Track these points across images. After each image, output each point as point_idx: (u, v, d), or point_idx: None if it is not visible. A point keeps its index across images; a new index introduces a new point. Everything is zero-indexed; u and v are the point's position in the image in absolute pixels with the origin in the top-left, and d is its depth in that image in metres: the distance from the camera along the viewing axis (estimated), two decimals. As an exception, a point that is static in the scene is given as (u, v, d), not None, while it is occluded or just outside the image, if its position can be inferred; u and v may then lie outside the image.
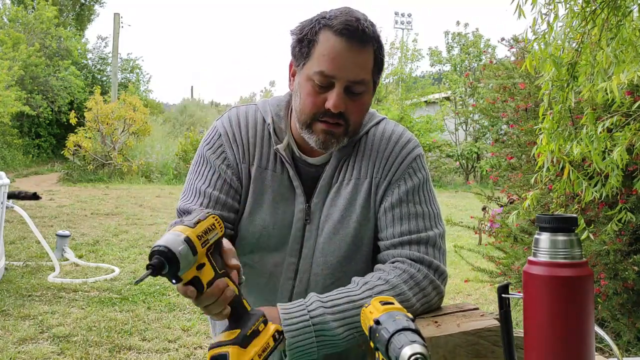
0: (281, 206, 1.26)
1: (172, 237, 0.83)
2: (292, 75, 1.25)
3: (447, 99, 18.96)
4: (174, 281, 0.84)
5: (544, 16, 1.95)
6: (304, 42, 1.17)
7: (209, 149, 1.28)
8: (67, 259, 5.90)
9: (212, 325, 1.43)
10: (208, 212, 0.91)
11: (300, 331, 1.09)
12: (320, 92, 1.16)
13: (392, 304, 0.87)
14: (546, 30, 1.97)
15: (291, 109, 1.28)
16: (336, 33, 1.13)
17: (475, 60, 19.55)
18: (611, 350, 1.00)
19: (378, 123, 1.32)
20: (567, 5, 1.96)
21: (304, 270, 1.26)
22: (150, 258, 0.81)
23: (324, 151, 1.24)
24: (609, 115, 2.32)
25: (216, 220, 0.91)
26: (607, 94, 1.91)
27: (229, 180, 1.25)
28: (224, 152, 1.26)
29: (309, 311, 1.11)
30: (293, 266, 1.26)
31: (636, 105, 2.20)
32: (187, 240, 0.83)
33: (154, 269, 0.80)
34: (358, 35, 1.13)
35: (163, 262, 0.80)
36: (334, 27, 1.13)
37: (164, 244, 0.81)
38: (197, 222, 0.87)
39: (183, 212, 1.24)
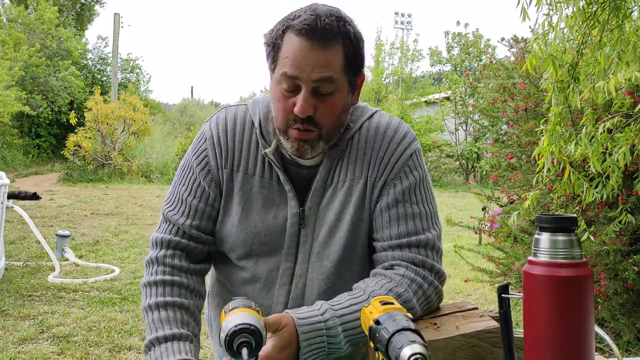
0: (272, 212, 1.22)
1: (249, 316, 0.87)
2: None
3: (447, 99, 18.96)
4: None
5: (548, 16, 1.96)
6: (272, 46, 1.14)
7: (194, 154, 1.26)
8: (67, 259, 5.90)
9: (209, 328, 1.41)
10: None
11: (315, 349, 1.07)
12: (288, 96, 1.12)
13: (392, 304, 0.87)
14: (547, 30, 1.97)
15: None
16: (297, 33, 1.10)
17: (475, 60, 19.56)
18: (611, 350, 1.00)
19: (371, 116, 1.26)
20: (573, 7, 1.96)
21: (300, 275, 1.23)
22: (233, 338, 0.84)
23: (300, 159, 1.20)
24: (609, 116, 2.32)
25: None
26: (606, 94, 1.91)
27: (207, 187, 1.24)
28: (206, 157, 1.24)
29: (327, 329, 1.08)
30: (289, 271, 1.23)
31: (638, 108, 2.20)
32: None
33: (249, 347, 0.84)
34: (318, 33, 1.08)
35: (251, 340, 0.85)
36: (295, 27, 1.10)
37: (248, 321, 0.85)
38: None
39: (168, 221, 1.24)
